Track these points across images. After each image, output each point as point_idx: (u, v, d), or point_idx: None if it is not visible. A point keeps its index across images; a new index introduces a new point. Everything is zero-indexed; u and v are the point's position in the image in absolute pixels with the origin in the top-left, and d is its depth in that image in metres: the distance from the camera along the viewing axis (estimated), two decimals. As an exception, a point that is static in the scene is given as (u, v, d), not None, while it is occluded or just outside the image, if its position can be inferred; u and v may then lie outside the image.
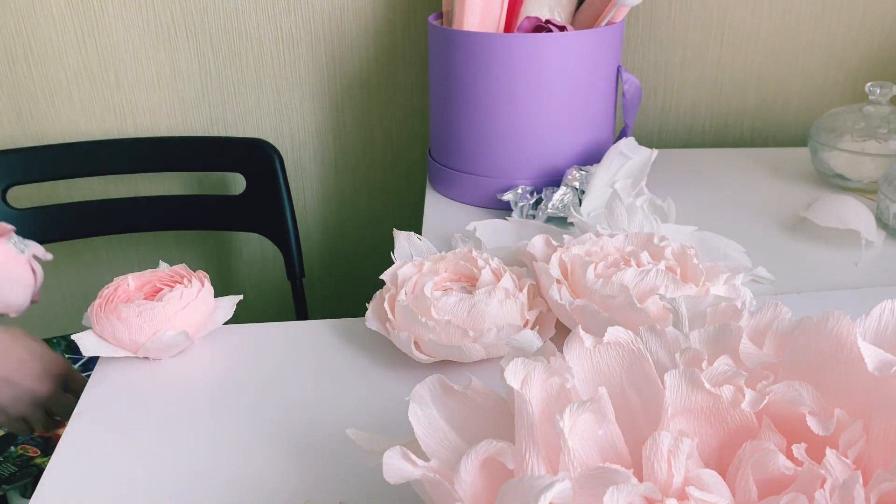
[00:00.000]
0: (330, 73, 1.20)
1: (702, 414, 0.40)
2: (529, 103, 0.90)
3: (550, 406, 0.40)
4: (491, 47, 0.88)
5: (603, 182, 0.87)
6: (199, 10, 1.16)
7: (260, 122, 1.24)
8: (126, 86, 1.21)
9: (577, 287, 0.67)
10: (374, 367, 0.68)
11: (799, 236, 0.88)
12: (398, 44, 1.18)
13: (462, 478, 0.37)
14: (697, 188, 1.01)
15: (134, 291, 0.68)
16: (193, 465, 0.57)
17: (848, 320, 0.40)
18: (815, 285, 0.78)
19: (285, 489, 0.55)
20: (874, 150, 0.95)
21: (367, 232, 1.33)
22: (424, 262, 0.72)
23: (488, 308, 0.64)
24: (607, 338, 0.42)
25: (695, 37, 1.14)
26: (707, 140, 1.21)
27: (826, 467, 0.36)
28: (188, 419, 0.62)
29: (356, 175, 1.28)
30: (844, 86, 1.16)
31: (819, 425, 0.37)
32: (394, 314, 0.67)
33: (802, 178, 1.03)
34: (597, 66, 0.92)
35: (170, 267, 0.72)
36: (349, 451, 0.56)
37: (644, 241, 0.71)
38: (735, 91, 1.17)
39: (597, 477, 0.34)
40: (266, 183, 1.18)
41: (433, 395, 0.43)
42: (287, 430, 0.61)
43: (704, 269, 0.67)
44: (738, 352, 0.42)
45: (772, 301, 0.45)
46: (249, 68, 1.20)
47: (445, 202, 0.99)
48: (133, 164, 1.20)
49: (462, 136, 0.95)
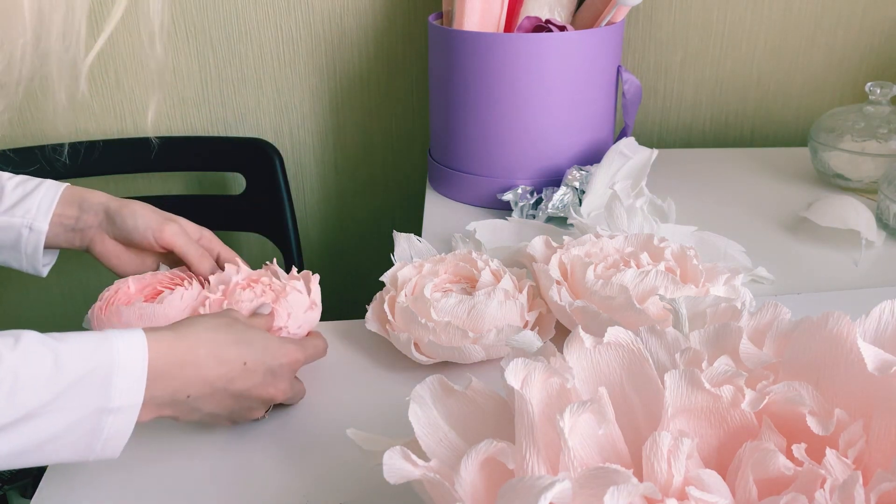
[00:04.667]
0: (330, 73, 1.20)
1: (702, 414, 0.40)
2: (529, 103, 0.90)
3: (550, 406, 0.40)
4: (491, 47, 0.88)
5: (603, 182, 0.87)
6: (198, 10, 1.16)
7: (260, 122, 1.24)
8: (126, 86, 1.21)
9: (576, 288, 0.67)
10: (374, 368, 0.68)
11: (799, 236, 0.88)
12: (398, 44, 1.18)
13: (462, 478, 0.37)
14: (697, 188, 1.01)
15: (134, 294, 0.68)
16: (194, 465, 0.57)
17: (848, 320, 0.40)
18: (815, 285, 0.78)
19: (285, 489, 0.55)
20: (874, 150, 0.95)
21: (367, 232, 1.32)
22: (424, 263, 0.72)
23: (488, 309, 0.64)
24: (607, 338, 0.42)
25: (695, 37, 1.14)
26: (707, 140, 1.21)
27: (826, 467, 0.36)
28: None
29: (356, 175, 1.28)
30: (844, 86, 1.16)
31: (819, 425, 0.37)
32: (394, 315, 0.67)
33: (802, 178, 1.03)
34: (597, 66, 0.92)
35: (170, 269, 0.72)
36: (349, 451, 0.56)
37: (644, 242, 0.71)
38: (735, 91, 1.17)
39: (597, 477, 0.34)
40: (266, 183, 1.18)
41: (433, 396, 0.43)
42: (287, 430, 0.61)
43: (704, 270, 0.67)
44: (738, 352, 0.42)
45: (772, 301, 0.45)
46: (249, 68, 1.20)
47: (445, 202, 0.99)
48: (133, 164, 1.20)
49: (462, 136, 0.95)
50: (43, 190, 0.71)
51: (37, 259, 0.71)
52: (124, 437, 0.50)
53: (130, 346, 0.50)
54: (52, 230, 0.70)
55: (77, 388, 0.48)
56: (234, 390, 0.56)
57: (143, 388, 0.50)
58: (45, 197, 0.70)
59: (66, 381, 0.47)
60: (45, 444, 0.47)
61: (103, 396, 0.48)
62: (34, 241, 0.70)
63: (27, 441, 0.47)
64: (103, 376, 0.48)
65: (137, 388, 0.50)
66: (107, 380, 0.49)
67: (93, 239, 0.71)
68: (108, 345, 0.49)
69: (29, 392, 0.46)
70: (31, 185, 0.71)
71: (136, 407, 0.50)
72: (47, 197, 0.70)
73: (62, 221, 0.70)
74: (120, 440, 0.50)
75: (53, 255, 0.73)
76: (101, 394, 0.48)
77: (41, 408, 0.47)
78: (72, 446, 0.49)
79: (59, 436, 0.48)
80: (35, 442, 0.47)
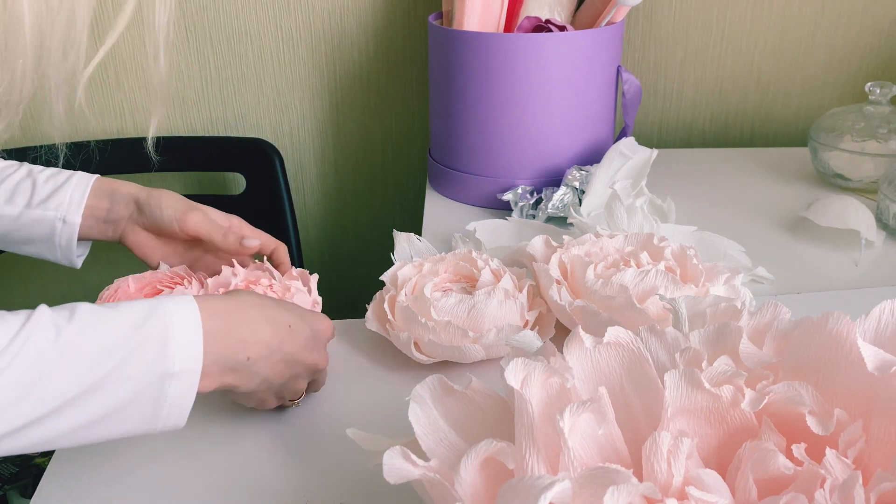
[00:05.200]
0: (330, 73, 1.20)
1: (702, 414, 0.40)
2: (529, 103, 0.90)
3: (550, 406, 0.40)
4: (491, 47, 0.88)
5: (603, 182, 0.87)
6: (198, 10, 1.16)
7: (260, 122, 1.24)
8: (126, 86, 1.21)
9: (576, 288, 0.67)
10: (374, 368, 0.68)
11: (799, 236, 0.88)
12: (398, 44, 1.18)
13: (462, 478, 0.37)
14: (697, 188, 1.01)
15: (134, 293, 0.68)
16: (193, 465, 0.57)
17: (848, 320, 0.40)
18: (815, 285, 0.78)
19: (285, 489, 0.55)
20: (874, 150, 0.95)
21: (366, 232, 1.33)
22: (424, 263, 0.72)
23: (488, 309, 0.64)
24: (607, 338, 0.42)
25: (695, 37, 1.14)
26: (707, 140, 1.21)
27: (826, 467, 0.36)
28: (188, 419, 0.62)
29: (356, 175, 1.28)
30: (844, 86, 1.16)
31: (819, 425, 0.37)
32: (394, 315, 0.67)
33: (802, 178, 1.03)
34: (597, 66, 0.92)
35: (170, 268, 0.72)
36: (349, 451, 0.56)
37: (643, 242, 0.71)
38: (735, 91, 1.17)
39: (597, 477, 0.34)
40: (266, 183, 1.18)
41: (433, 395, 0.43)
42: (287, 430, 0.61)
43: (704, 270, 0.67)
44: (738, 352, 0.42)
45: (772, 301, 0.45)
46: (249, 68, 1.20)
47: (445, 202, 0.99)
48: (133, 164, 1.20)
49: (462, 136, 0.95)
50: (74, 182, 0.72)
51: (71, 251, 0.72)
52: (188, 404, 0.50)
53: (182, 311, 0.50)
54: (85, 222, 0.71)
55: (136, 355, 0.47)
56: (285, 352, 0.55)
57: (201, 350, 0.50)
58: (76, 189, 0.71)
59: (126, 349, 0.47)
60: (111, 415, 0.47)
61: (162, 362, 0.48)
62: (68, 234, 0.71)
63: (93, 413, 0.46)
64: (161, 341, 0.48)
65: (196, 350, 0.49)
66: (164, 345, 0.48)
67: (125, 230, 0.72)
68: (161, 310, 0.49)
69: (89, 363, 0.46)
70: (63, 177, 0.72)
71: (197, 370, 0.49)
72: (79, 189, 0.71)
73: (94, 213, 0.71)
74: (184, 407, 0.49)
75: (87, 246, 0.74)
76: (159, 360, 0.48)
77: (103, 378, 0.46)
78: (138, 416, 0.48)
79: (123, 406, 0.47)
80: (101, 413, 0.47)
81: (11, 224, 0.70)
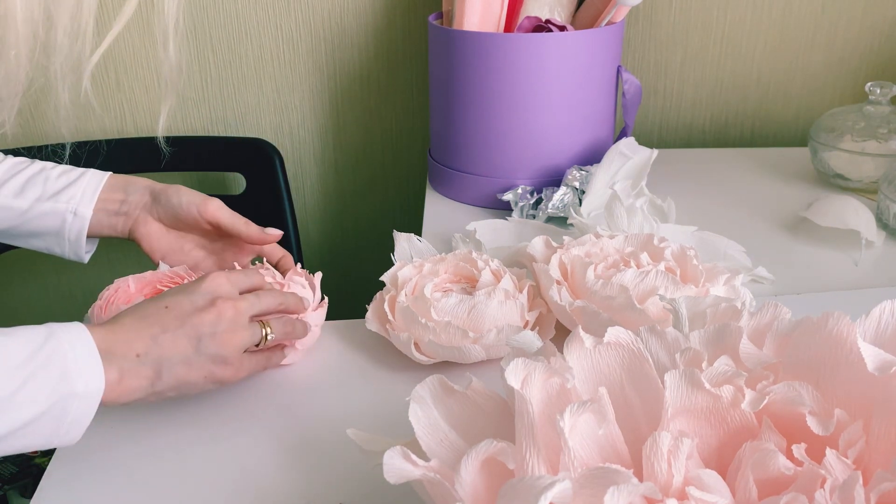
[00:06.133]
0: (330, 73, 1.20)
1: (702, 414, 0.40)
2: (529, 103, 0.90)
3: (551, 406, 0.40)
4: (491, 47, 0.88)
5: (603, 182, 0.87)
6: (198, 10, 1.16)
7: (260, 122, 1.24)
8: (126, 86, 1.21)
9: (576, 288, 0.67)
10: (374, 368, 0.68)
11: (799, 236, 0.88)
12: (398, 44, 1.18)
13: (462, 478, 0.37)
14: (697, 188, 1.01)
15: (134, 293, 0.68)
16: (194, 465, 0.57)
17: (848, 320, 0.40)
18: (815, 285, 0.78)
19: (285, 489, 0.55)
20: (874, 150, 0.95)
21: (367, 232, 1.33)
22: (424, 263, 0.72)
23: (488, 309, 0.64)
24: (607, 338, 0.42)
25: (695, 37, 1.14)
26: (707, 140, 1.21)
27: (826, 467, 0.36)
28: (188, 419, 0.62)
29: (356, 175, 1.28)
30: (844, 86, 1.16)
31: (819, 425, 0.37)
32: (394, 315, 0.67)
33: (802, 178, 1.03)
34: (597, 66, 0.92)
35: (170, 268, 0.72)
36: (349, 451, 0.56)
37: (644, 242, 0.71)
38: (735, 91, 1.17)
39: (597, 477, 0.34)
40: (266, 183, 1.18)
41: (433, 396, 0.43)
42: (287, 430, 0.61)
43: (704, 270, 0.67)
44: (738, 352, 0.42)
45: (772, 301, 0.45)
46: (249, 68, 1.20)
47: (445, 202, 0.99)
48: (133, 165, 1.20)
49: (462, 136, 0.95)
50: (88, 177, 0.72)
51: (80, 245, 0.72)
52: (87, 421, 0.51)
53: (71, 331, 0.51)
54: (96, 216, 0.71)
55: (38, 377, 0.49)
56: (170, 326, 0.55)
57: (102, 368, 0.51)
58: (89, 184, 0.72)
59: (28, 370, 0.48)
60: (12, 433, 0.48)
61: (66, 383, 0.49)
62: (78, 227, 0.71)
63: None
64: (61, 364, 0.49)
65: (97, 369, 0.51)
66: (64, 368, 0.49)
67: (136, 220, 0.72)
68: (55, 336, 0.51)
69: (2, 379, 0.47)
70: (76, 174, 0.73)
71: (100, 389, 0.51)
72: (92, 184, 0.72)
73: (106, 206, 0.72)
74: (83, 424, 0.51)
75: (94, 242, 0.75)
76: (63, 381, 0.49)
77: (11, 395, 0.47)
78: (40, 433, 0.49)
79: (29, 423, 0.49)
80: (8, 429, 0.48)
81: (20, 217, 0.71)
